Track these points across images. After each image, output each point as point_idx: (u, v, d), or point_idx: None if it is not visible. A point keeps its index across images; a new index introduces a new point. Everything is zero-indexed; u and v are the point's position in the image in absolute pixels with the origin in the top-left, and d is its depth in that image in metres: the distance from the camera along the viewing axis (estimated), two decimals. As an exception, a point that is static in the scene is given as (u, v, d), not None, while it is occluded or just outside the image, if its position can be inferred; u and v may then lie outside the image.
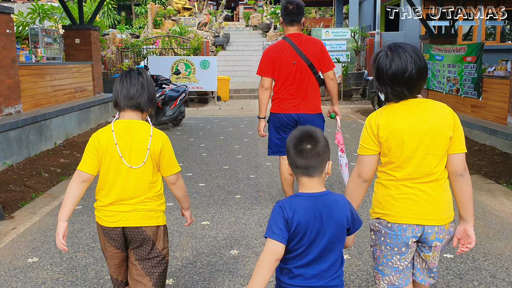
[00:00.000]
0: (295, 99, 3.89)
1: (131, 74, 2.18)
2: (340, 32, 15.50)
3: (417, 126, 1.88)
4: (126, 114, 2.16)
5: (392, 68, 1.87)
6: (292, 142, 1.74)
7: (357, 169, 2.03)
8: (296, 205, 1.68)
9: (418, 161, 1.90)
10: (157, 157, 2.13)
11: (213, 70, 14.00)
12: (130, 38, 16.92)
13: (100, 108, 10.13)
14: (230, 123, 9.96)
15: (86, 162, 2.12)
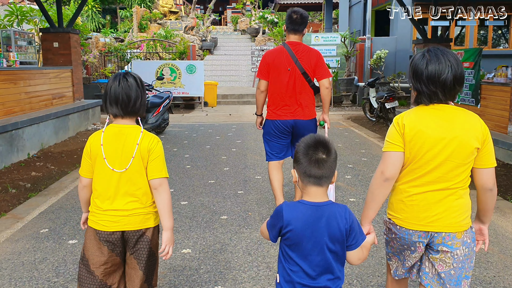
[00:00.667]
0: (290, 106, 3.97)
1: (119, 79, 2.14)
2: (330, 37, 15.15)
3: (443, 132, 1.88)
4: (122, 120, 2.16)
5: (429, 68, 1.90)
6: (304, 150, 1.73)
7: (382, 166, 1.98)
8: (299, 212, 1.70)
9: (438, 168, 1.90)
10: (146, 158, 2.12)
11: (200, 75, 13.53)
12: (114, 42, 16.36)
13: (79, 115, 9.58)
14: (217, 131, 9.49)
15: (83, 166, 2.21)
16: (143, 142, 2.12)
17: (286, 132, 4.05)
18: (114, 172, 2.11)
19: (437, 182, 1.92)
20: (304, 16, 3.97)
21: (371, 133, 9.20)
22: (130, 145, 2.12)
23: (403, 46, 15.03)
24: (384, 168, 1.96)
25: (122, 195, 2.12)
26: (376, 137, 8.71)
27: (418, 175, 1.94)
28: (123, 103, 2.11)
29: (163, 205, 2.14)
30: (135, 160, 2.11)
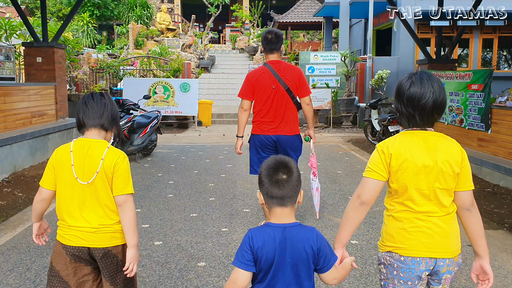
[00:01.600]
0: (274, 122, 4.09)
1: (93, 95, 2.23)
2: (330, 56, 14.68)
3: (427, 159, 1.90)
4: (89, 133, 2.18)
5: (410, 90, 1.92)
6: (266, 172, 1.75)
7: (359, 189, 1.98)
8: (266, 236, 1.69)
9: (427, 195, 1.92)
10: (110, 174, 2.11)
11: (194, 93, 12.99)
12: (107, 59, 15.88)
13: (61, 135, 8.97)
14: (208, 153, 8.87)
15: (45, 177, 2.18)
16: (107, 157, 2.11)
17: (270, 146, 4.17)
18: (78, 184, 2.10)
19: (430, 207, 1.93)
20: (279, 35, 4.13)
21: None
22: (94, 158, 2.11)
23: (405, 66, 14.54)
24: (361, 192, 1.95)
25: (88, 210, 2.11)
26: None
27: (411, 203, 1.94)
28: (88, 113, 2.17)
29: (127, 222, 2.12)
30: (99, 174, 2.10)
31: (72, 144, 2.17)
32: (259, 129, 4.17)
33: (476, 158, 7.08)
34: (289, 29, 23.45)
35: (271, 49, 4.09)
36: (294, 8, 23.07)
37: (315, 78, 14.58)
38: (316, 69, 14.65)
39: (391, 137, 2.00)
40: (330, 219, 4.91)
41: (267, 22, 27.10)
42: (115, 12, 23.17)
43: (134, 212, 2.15)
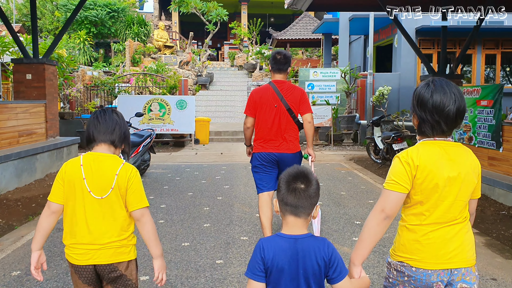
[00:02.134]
0: (275, 140, 4.15)
1: (105, 111, 2.24)
2: (329, 73, 14.39)
3: (452, 171, 1.89)
4: (98, 148, 2.18)
5: (434, 98, 1.89)
6: (285, 179, 1.78)
7: (382, 203, 1.89)
8: (277, 247, 1.70)
9: (447, 206, 1.90)
10: (124, 189, 2.10)
11: (191, 111, 12.63)
12: (103, 76, 15.57)
13: (50, 155, 8.56)
14: (204, 173, 8.45)
15: (54, 192, 2.14)
16: (122, 173, 2.10)
17: (272, 162, 4.20)
18: (90, 198, 2.09)
19: (448, 218, 1.92)
20: (288, 56, 4.22)
21: (377, 177, 8.16)
22: (107, 173, 2.11)
23: (407, 82, 14.24)
24: (386, 206, 1.89)
25: (95, 226, 2.08)
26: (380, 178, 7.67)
27: (429, 214, 1.91)
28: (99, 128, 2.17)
29: (148, 235, 2.14)
30: (114, 190, 2.09)
31: (82, 158, 2.15)
32: (260, 147, 4.23)
33: (488, 179, 6.68)
34: (287, 46, 23.27)
35: (279, 69, 4.21)
36: (293, 25, 22.94)
37: (315, 95, 14.26)
38: (316, 86, 14.35)
39: (413, 147, 1.95)
40: (337, 247, 4.46)
41: (266, 39, 26.99)
42: (112, 30, 22.99)
43: (153, 224, 2.17)
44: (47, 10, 25.50)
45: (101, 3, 22.81)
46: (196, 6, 22.60)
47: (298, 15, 27.22)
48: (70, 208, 2.11)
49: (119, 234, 2.11)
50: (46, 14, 25.40)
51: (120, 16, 23.52)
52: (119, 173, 2.10)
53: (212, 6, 22.80)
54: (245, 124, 4.28)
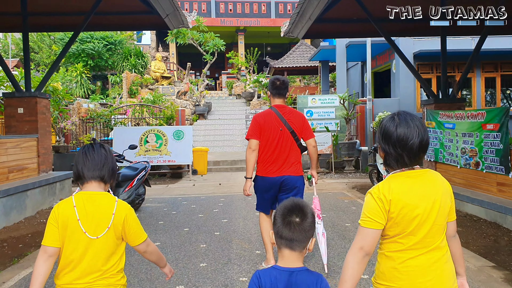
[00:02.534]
0: (278, 163, 4.22)
1: (93, 146, 2.22)
2: (328, 99, 14.23)
3: (426, 199, 1.91)
4: (89, 186, 2.16)
5: (398, 131, 1.93)
6: (281, 212, 1.80)
7: (360, 241, 1.90)
8: (272, 278, 1.73)
9: (425, 233, 1.91)
10: (121, 228, 2.12)
11: (188, 141, 12.38)
12: (99, 108, 15.41)
13: (42, 191, 8.24)
14: (201, 207, 8.11)
15: (49, 235, 2.10)
16: (118, 211, 2.11)
17: (275, 188, 4.28)
18: (85, 239, 2.07)
19: (426, 245, 1.93)
20: (286, 82, 4.40)
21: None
22: (102, 212, 2.11)
23: (406, 107, 14.05)
24: (364, 244, 1.90)
25: (88, 264, 2.07)
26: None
27: (407, 242, 1.93)
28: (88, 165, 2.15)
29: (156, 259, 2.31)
30: (110, 230, 2.09)
31: (74, 198, 2.12)
32: (264, 171, 4.29)
33: (499, 206, 6.36)
34: (285, 74, 23.28)
35: (278, 94, 4.34)
36: (290, 54, 23.02)
37: (314, 122, 14.04)
38: (315, 113, 14.16)
39: (383, 181, 1.97)
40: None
41: (263, 68, 27.08)
42: (110, 62, 23.04)
43: (157, 249, 2.31)
44: (45, 44, 25.65)
45: (98, 36, 22.93)
46: (193, 37, 22.72)
47: (295, 43, 27.42)
48: (65, 249, 2.09)
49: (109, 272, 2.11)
50: (44, 48, 25.53)
51: (117, 48, 23.62)
52: (116, 212, 2.11)
53: (209, 37, 22.93)
54: (250, 148, 4.26)
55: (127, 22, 10.57)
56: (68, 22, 10.10)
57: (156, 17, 9.57)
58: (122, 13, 9.81)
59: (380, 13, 9.77)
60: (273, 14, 28.47)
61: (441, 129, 8.65)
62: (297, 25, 10.13)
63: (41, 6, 9.25)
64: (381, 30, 9.32)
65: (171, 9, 9.15)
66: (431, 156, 9.15)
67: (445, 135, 8.52)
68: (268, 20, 28.45)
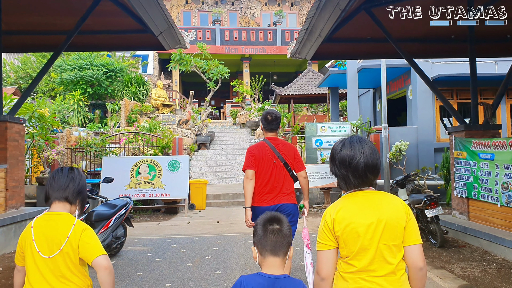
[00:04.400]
0: (273, 193, 4.38)
1: (62, 169, 2.35)
2: (339, 127, 13.02)
3: (370, 217, 1.95)
4: (54, 206, 2.28)
5: (341, 153, 2.03)
6: (261, 223, 1.98)
7: (317, 266, 2.02)
8: (255, 284, 1.85)
9: (373, 253, 1.93)
10: (76, 246, 2.17)
11: (184, 173, 11.16)
12: (92, 136, 14.31)
13: (7, 231, 7.01)
14: (192, 252, 6.81)
15: (17, 254, 2.31)
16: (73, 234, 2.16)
17: None
18: (40, 258, 2.16)
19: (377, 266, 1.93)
20: (278, 116, 4.57)
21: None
22: (58, 232, 2.17)
23: (426, 136, 12.82)
24: (319, 269, 1.98)
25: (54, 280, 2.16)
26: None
27: (358, 264, 1.94)
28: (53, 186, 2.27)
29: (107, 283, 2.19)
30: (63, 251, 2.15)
31: (34, 220, 2.25)
32: (259, 201, 4.39)
33: None
34: (291, 102, 22.25)
35: (271, 128, 4.54)
36: (296, 81, 22.03)
37: (324, 152, 12.81)
38: (324, 142, 12.94)
39: (336, 201, 2.06)
40: None
41: (269, 97, 26.12)
42: (109, 90, 22.16)
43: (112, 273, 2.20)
44: (44, 71, 24.99)
45: (98, 63, 22.16)
46: (196, 64, 21.88)
47: (301, 72, 26.55)
48: (29, 268, 2.20)
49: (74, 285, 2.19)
50: (43, 75, 24.84)
51: (118, 76, 22.81)
52: (71, 235, 2.16)
53: (213, 64, 22.07)
54: (247, 178, 4.37)
55: (117, 42, 9.56)
56: (48, 41, 9.12)
57: (149, 36, 8.57)
58: (111, 31, 8.82)
59: (399, 32, 8.72)
60: (279, 42, 27.70)
61: (475, 160, 7.37)
62: (305, 44, 9.04)
63: (17, 24, 8.29)
64: (401, 51, 8.23)
65: (165, 25, 8.11)
66: (462, 191, 7.84)
67: (480, 167, 7.24)
68: (274, 48, 27.68)
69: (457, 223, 7.60)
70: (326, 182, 11.61)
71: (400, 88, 14.92)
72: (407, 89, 14.12)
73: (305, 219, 4.42)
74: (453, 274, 5.39)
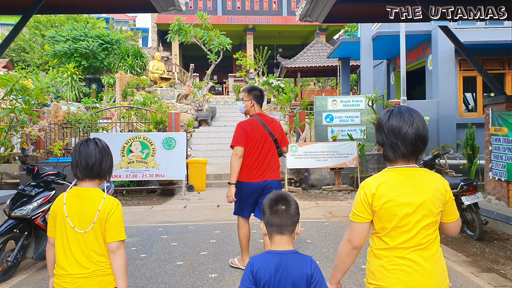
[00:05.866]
0: (261, 168, 4.44)
1: (87, 144, 2.28)
2: (352, 101, 11.84)
3: (412, 197, 1.91)
4: (83, 182, 2.27)
5: (390, 121, 1.95)
6: (268, 203, 2.00)
7: (349, 235, 2.02)
8: (264, 261, 1.91)
9: (409, 232, 1.91)
10: (104, 222, 2.19)
11: (181, 151, 10.06)
12: (83, 111, 13.20)
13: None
14: (185, 245, 5.77)
15: (49, 228, 2.32)
16: (103, 208, 2.19)
17: (257, 192, 4.46)
18: (74, 232, 2.19)
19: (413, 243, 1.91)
20: (263, 91, 4.85)
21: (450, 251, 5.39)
22: (90, 208, 2.20)
23: (447, 111, 11.62)
24: (351, 238, 1.99)
25: (79, 256, 2.18)
26: (466, 262, 4.92)
27: (393, 239, 1.93)
28: (81, 166, 2.23)
29: (119, 268, 2.19)
30: (96, 225, 2.18)
31: (65, 195, 2.26)
32: (247, 177, 4.43)
33: None
34: (298, 76, 20.94)
35: (259, 102, 4.64)
36: (304, 52, 20.65)
37: (335, 128, 11.67)
38: (336, 118, 11.78)
39: (375, 175, 2.00)
40: None
41: (274, 70, 24.79)
42: (105, 63, 20.91)
43: (125, 258, 2.22)
44: (37, 43, 23.71)
45: (93, 34, 20.86)
46: (197, 34, 20.52)
47: (308, 45, 25.15)
48: (58, 241, 2.23)
49: (104, 263, 2.19)
50: (35, 48, 23.59)
51: (114, 48, 21.53)
52: (101, 209, 2.18)
53: (214, 35, 20.71)
54: (237, 155, 4.36)
55: (100, 2, 8.33)
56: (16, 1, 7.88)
57: (139, -4, 7.36)
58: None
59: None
60: (285, 12, 26.17)
61: (520, 137, 6.21)
62: (317, 4, 7.80)
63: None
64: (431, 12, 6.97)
65: (156, -19, 6.90)
66: (501, 173, 6.71)
67: (527, 146, 6.08)
68: (279, 18, 26.14)
69: (496, 210, 6.49)
70: (337, 161, 10.50)
71: (418, 58, 13.62)
72: (426, 59, 12.83)
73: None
74: (508, 280, 4.31)
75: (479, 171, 10.13)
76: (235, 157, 4.34)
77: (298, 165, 10.58)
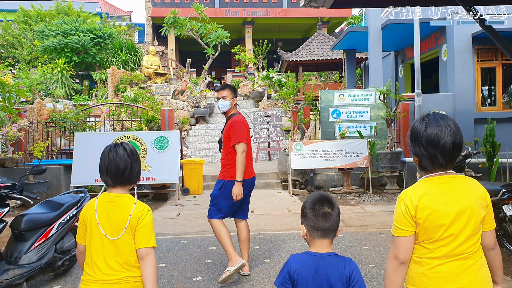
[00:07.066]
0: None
1: (116, 149, 2.23)
2: (361, 95, 10.91)
3: (455, 206, 1.86)
4: (113, 189, 2.25)
5: (428, 131, 1.89)
6: (311, 206, 1.95)
7: (394, 250, 1.94)
8: (303, 262, 1.90)
9: (454, 241, 1.86)
10: (134, 227, 2.17)
11: (174, 151, 9.14)
12: (69, 109, 12.25)
13: None
14: (175, 267, 4.85)
15: (78, 233, 2.28)
16: (134, 213, 2.16)
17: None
18: (105, 239, 2.16)
19: (456, 252, 1.87)
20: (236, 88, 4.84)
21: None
22: (121, 214, 2.17)
23: (465, 105, 10.69)
24: (397, 253, 1.92)
25: (111, 263, 2.15)
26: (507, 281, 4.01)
27: (436, 248, 1.88)
28: (111, 173, 2.19)
29: (149, 275, 2.15)
30: (127, 230, 2.15)
31: (97, 201, 2.23)
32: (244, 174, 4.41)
33: None
34: (300, 70, 19.98)
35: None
36: (305, 45, 19.69)
37: (343, 125, 10.73)
38: (343, 113, 10.85)
39: (413, 186, 1.94)
40: None
41: (274, 65, 23.82)
42: (98, 58, 19.94)
43: (155, 265, 2.17)
44: (26, 39, 22.72)
45: (84, 28, 19.88)
46: (193, 27, 19.54)
47: (309, 39, 24.16)
48: (88, 248, 2.19)
49: (133, 271, 2.16)
50: (25, 43, 22.60)
51: (107, 43, 20.55)
52: (132, 214, 2.15)
53: (211, 28, 19.73)
54: (244, 151, 4.35)
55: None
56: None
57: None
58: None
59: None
60: (285, 4, 25.18)
61: None
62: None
63: None
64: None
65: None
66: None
67: None
68: (279, 11, 25.15)
69: (538, 220, 5.57)
70: (346, 161, 9.59)
71: (430, 48, 12.68)
72: (440, 49, 11.89)
73: None
74: None
75: (501, 171, 9.23)
76: (243, 154, 4.33)
77: (304, 165, 9.66)
